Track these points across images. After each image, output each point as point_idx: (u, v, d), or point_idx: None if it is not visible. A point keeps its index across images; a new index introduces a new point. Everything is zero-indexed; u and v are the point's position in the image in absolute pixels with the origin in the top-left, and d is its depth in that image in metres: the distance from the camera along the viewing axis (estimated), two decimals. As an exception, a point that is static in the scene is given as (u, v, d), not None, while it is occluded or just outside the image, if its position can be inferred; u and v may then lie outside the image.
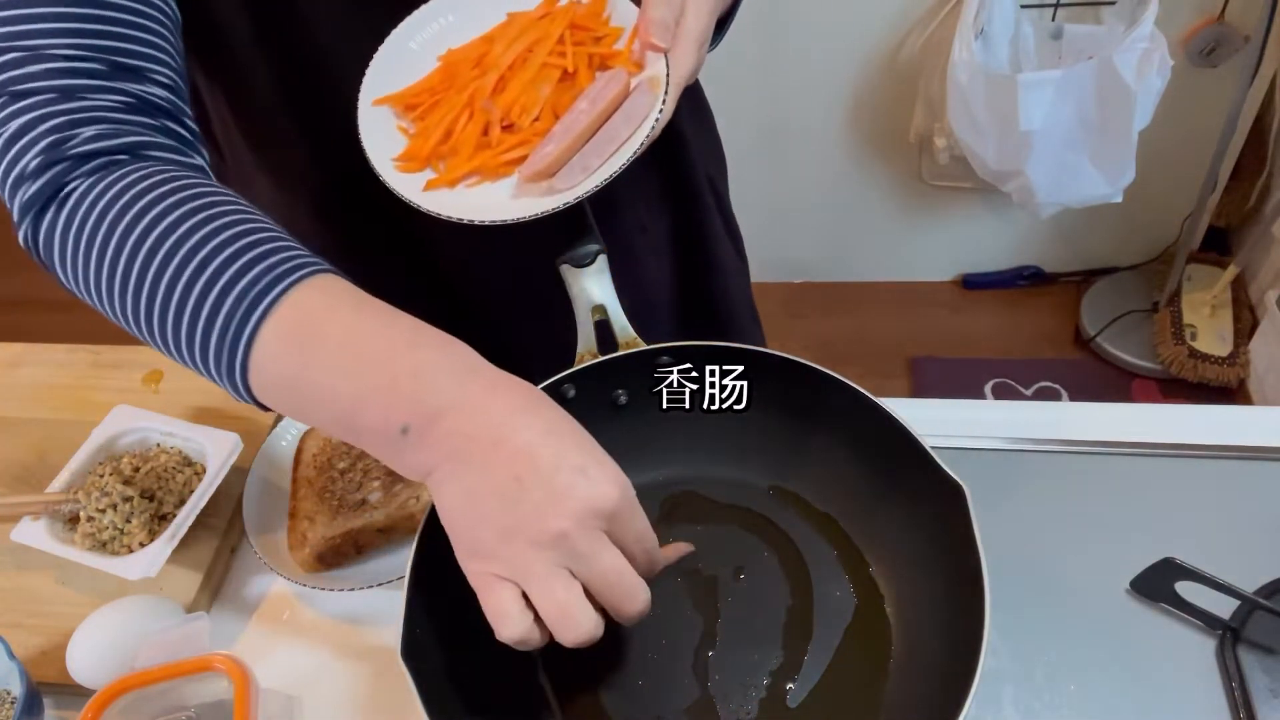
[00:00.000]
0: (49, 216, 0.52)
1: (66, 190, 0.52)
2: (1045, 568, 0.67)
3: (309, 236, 0.81)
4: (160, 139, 0.55)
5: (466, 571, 0.49)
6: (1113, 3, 1.68)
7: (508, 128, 0.60)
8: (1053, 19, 1.73)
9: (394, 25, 0.64)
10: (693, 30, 0.58)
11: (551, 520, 0.45)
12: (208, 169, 0.57)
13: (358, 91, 0.62)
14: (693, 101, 0.90)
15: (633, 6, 0.60)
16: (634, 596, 0.49)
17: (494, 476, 0.46)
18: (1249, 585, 0.63)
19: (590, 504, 0.46)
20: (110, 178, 0.52)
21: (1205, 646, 0.63)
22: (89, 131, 0.52)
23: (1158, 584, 0.64)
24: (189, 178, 0.52)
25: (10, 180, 0.53)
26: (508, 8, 0.63)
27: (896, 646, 0.60)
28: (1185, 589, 0.63)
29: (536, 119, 0.59)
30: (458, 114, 0.60)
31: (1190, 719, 0.60)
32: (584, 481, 0.46)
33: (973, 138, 1.72)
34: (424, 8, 0.64)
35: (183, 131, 0.57)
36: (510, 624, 0.47)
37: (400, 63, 0.63)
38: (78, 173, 0.52)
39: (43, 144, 0.51)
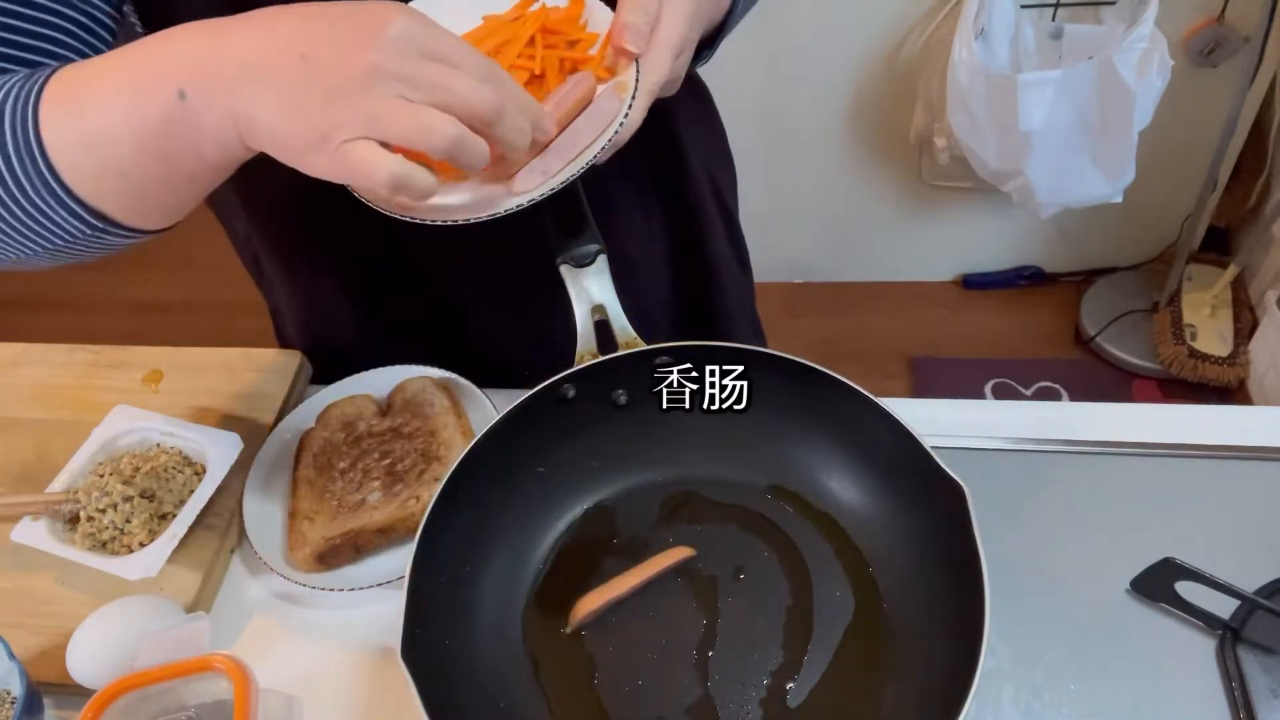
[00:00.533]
0: None
1: None
2: (1045, 568, 0.67)
3: (291, 237, 0.81)
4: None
5: (316, 170, 0.49)
6: (1113, 3, 1.68)
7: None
8: (1053, 19, 1.73)
9: None
10: (667, 38, 0.57)
11: (354, 61, 0.45)
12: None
13: None
14: (697, 110, 0.89)
15: (609, 12, 0.59)
16: (477, 94, 0.48)
17: (283, 73, 0.46)
18: (1249, 585, 0.63)
19: (378, 29, 0.46)
20: None
21: (1205, 646, 0.63)
22: None
23: (1158, 584, 0.64)
24: None
25: None
26: (484, 11, 0.63)
27: (896, 646, 0.60)
28: (1185, 589, 0.63)
29: None
30: None
31: (1190, 719, 0.60)
32: (362, 18, 0.46)
33: (973, 138, 1.72)
34: None
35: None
36: (379, 168, 0.47)
37: None
38: None
39: None
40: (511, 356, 0.77)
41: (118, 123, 0.49)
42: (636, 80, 0.57)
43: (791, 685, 0.59)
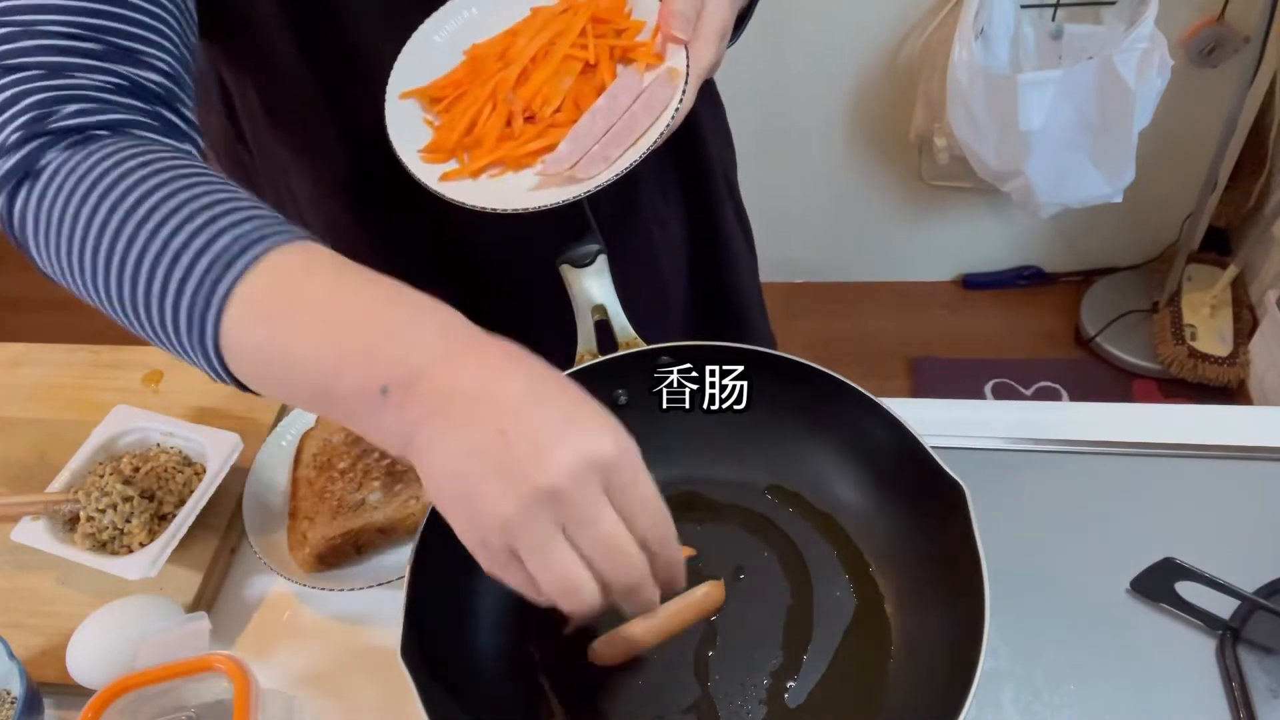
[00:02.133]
0: (24, 192, 0.51)
1: (42, 165, 0.50)
2: (1045, 568, 0.67)
3: (343, 231, 0.81)
4: (148, 120, 0.53)
5: (469, 547, 0.45)
6: (1113, 3, 1.68)
7: (530, 119, 0.60)
8: (1053, 19, 1.73)
9: None
10: (713, 23, 0.59)
11: (541, 475, 0.41)
12: (196, 154, 0.56)
13: None
14: (707, 95, 0.90)
15: (653, 0, 0.61)
16: (630, 568, 0.44)
17: (476, 433, 0.42)
18: (1249, 585, 0.63)
19: (583, 455, 0.42)
20: (86, 151, 0.50)
21: (1205, 646, 0.63)
22: (72, 108, 0.51)
23: (1158, 584, 0.64)
24: (169, 153, 0.51)
25: None
26: (531, 2, 0.64)
27: (896, 646, 0.60)
28: (1185, 589, 0.63)
29: (558, 110, 0.60)
30: (481, 106, 0.61)
31: (1190, 719, 0.60)
32: (574, 431, 0.42)
33: (973, 138, 1.72)
34: (450, 3, 0.64)
35: (174, 119, 0.55)
36: (527, 593, 0.44)
37: (426, 57, 0.64)
38: (55, 148, 0.50)
39: (24, 119, 0.50)
40: (556, 352, 0.77)
41: (305, 366, 0.46)
42: (687, 66, 0.58)
43: (791, 685, 0.59)
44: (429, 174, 0.60)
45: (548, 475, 0.41)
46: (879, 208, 2.15)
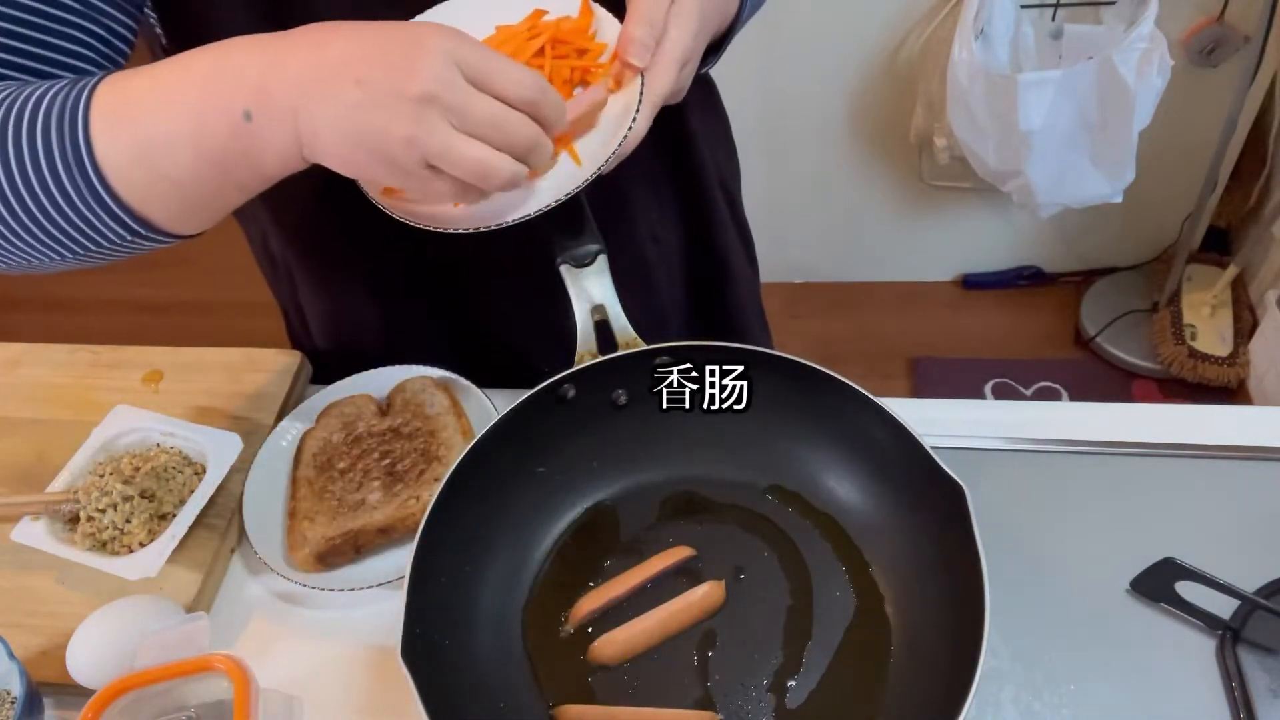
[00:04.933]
0: None
1: None
2: (1045, 568, 0.67)
3: (319, 235, 0.81)
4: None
5: (386, 182, 0.53)
6: (1113, 3, 1.68)
7: None
8: (1053, 19, 1.73)
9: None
10: (673, 51, 0.59)
11: (408, 89, 0.47)
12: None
13: None
14: (708, 106, 0.90)
15: (618, 24, 0.60)
16: (522, 128, 0.51)
17: (341, 95, 0.48)
18: (1249, 585, 0.63)
19: (432, 56, 0.47)
20: None
21: (1205, 646, 0.63)
22: None
23: (1158, 584, 0.64)
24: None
25: None
26: (498, 21, 0.64)
27: (896, 646, 0.60)
28: (1185, 589, 0.63)
29: None
30: None
31: (1190, 719, 0.60)
32: (414, 46, 0.48)
33: (973, 138, 1.72)
34: (419, 18, 0.64)
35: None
36: (456, 197, 0.51)
37: None
38: None
39: None
40: (531, 354, 0.77)
41: (178, 136, 0.50)
42: (640, 93, 0.58)
43: (792, 685, 0.59)
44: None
45: (416, 85, 0.47)
46: (879, 208, 2.15)
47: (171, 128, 0.50)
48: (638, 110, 0.57)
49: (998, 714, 0.61)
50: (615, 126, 0.58)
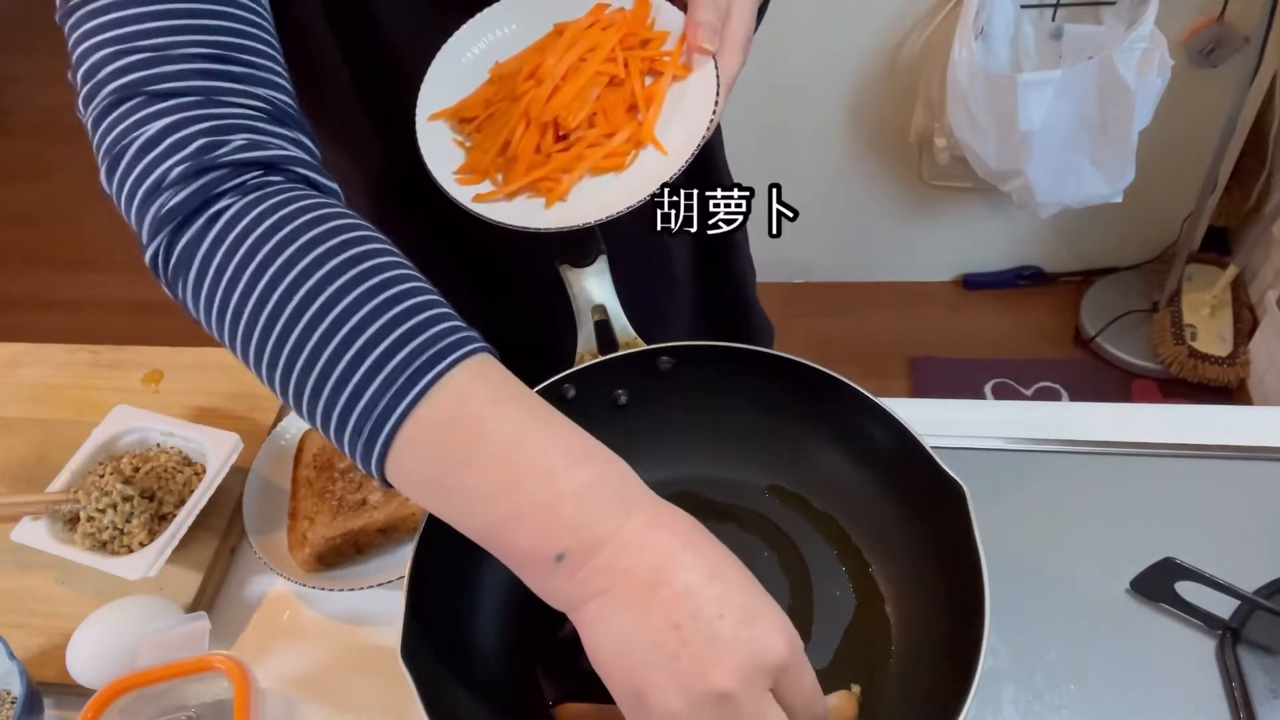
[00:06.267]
0: (193, 230, 0.47)
1: (218, 204, 0.47)
2: (1045, 568, 0.67)
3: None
4: (299, 154, 0.51)
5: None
6: (1113, 3, 1.68)
7: (562, 138, 0.61)
8: (1053, 19, 1.73)
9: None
10: (738, 31, 0.59)
11: (714, 677, 0.40)
12: (340, 194, 0.53)
13: None
14: None
15: (676, 10, 0.61)
16: None
17: (651, 622, 0.41)
18: (1249, 585, 0.63)
19: (757, 659, 0.41)
20: (265, 198, 0.47)
21: (1205, 646, 0.63)
22: (238, 140, 0.47)
23: (1158, 584, 0.64)
24: (339, 212, 0.48)
25: (144, 188, 0.47)
26: (555, 19, 0.64)
27: (896, 646, 0.60)
28: (1185, 589, 0.63)
29: (591, 125, 0.61)
30: (515, 124, 0.61)
31: (1190, 719, 0.60)
32: (749, 633, 0.42)
33: (973, 138, 1.72)
34: (472, 21, 0.64)
35: (312, 146, 0.52)
36: None
37: (452, 76, 0.64)
38: (231, 185, 0.47)
39: (191, 148, 0.46)
40: (568, 359, 0.78)
41: (480, 509, 0.44)
42: (717, 76, 0.58)
43: (791, 685, 0.59)
44: (464, 194, 0.60)
45: (721, 678, 0.40)
46: (879, 208, 2.15)
47: (484, 499, 0.44)
48: (718, 95, 0.58)
49: (998, 714, 0.61)
50: (692, 114, 0.59)
